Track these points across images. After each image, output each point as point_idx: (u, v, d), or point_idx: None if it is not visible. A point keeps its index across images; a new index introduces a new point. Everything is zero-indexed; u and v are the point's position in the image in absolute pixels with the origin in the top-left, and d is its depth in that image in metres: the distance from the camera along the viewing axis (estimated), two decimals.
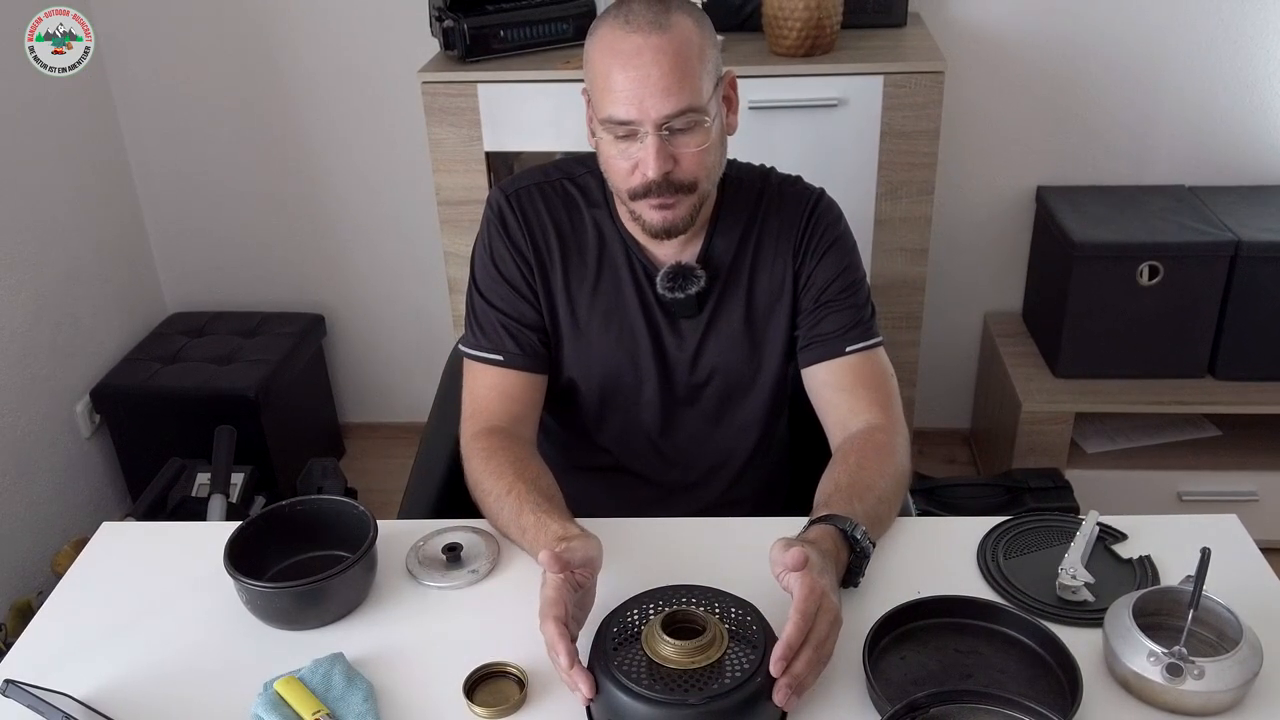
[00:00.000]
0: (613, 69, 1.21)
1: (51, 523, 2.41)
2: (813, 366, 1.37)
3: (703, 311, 1.39)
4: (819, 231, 1.37)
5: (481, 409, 1.38)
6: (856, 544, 1.14)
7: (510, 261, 1.38)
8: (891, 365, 1.40)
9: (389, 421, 2.99)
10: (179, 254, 2.83)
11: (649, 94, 1.19)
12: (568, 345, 1.41)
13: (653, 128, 1.21)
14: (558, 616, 1.02)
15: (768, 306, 1.39)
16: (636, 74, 1.19)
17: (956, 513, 2.20)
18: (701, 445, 1.47)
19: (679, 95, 1.20)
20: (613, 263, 1.38)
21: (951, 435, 2.87)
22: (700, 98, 1.22)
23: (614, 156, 1.26)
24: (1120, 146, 2.50)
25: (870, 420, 1.32)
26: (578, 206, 1.39)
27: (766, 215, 1.38)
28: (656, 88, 1.19)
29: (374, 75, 2.56)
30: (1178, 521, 1.28)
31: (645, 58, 1.19)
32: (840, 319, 1.36)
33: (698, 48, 1.22)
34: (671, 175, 1.24)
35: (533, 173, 1.43)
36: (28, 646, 1.16)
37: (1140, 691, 1.02)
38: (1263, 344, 2.31)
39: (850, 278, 1.38)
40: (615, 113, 1.22)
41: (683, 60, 1.20)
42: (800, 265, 1.38)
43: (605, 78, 1.22)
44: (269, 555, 1.22)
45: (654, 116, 1.20)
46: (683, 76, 1.20)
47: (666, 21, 1.20)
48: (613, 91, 1.21)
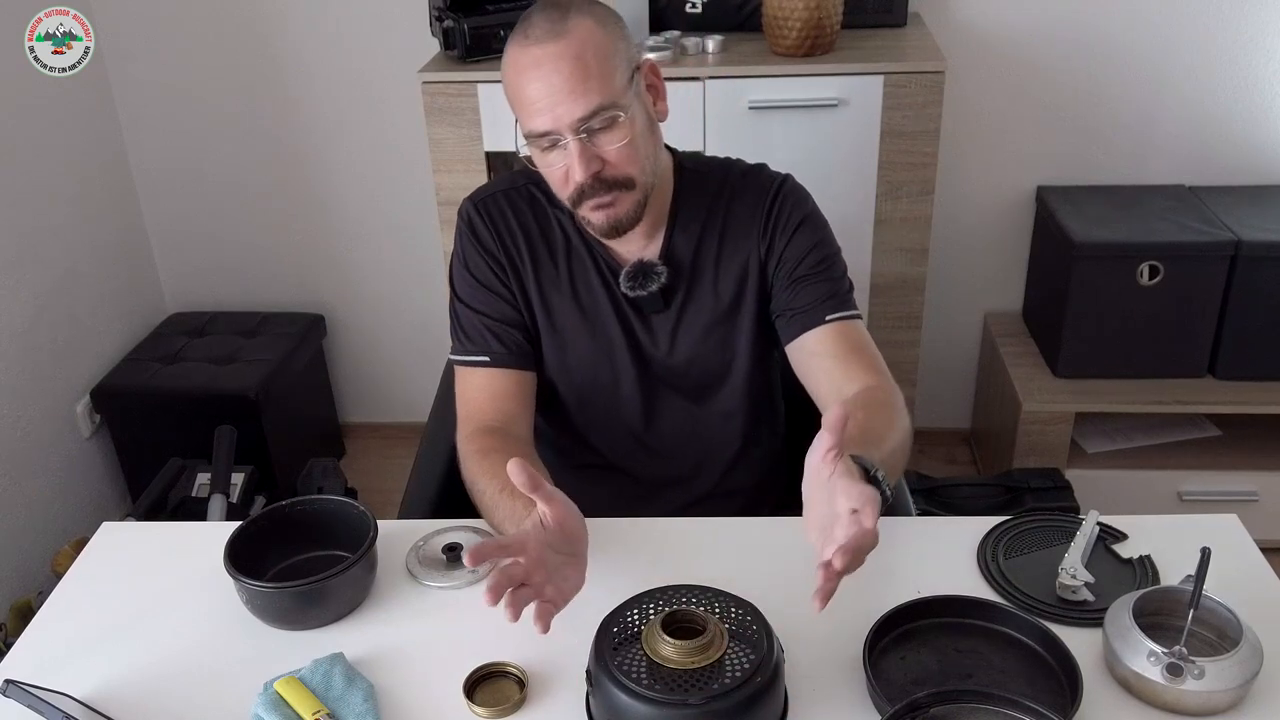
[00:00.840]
0: (521, 83, 1.24)
1: (51, 523, 2.41)
2: (797, 340, 1.36)
3: (670, 306, 1.40)
4: (785, 211, 1.37)
5: (474, 411, 1.39)
6: (879, 484, 1.06)
7: (485, 267, 1.40)
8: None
9: (389, 421, 2.99)
10: (179, 254, 2.83)
11: (558, 101, 1.21)
12: (547, 345, 1.42)
13: (570, 133, 1.23)
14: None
15: (736, 294, 1.40)
16: (542, 84, 1.22)
17: (956, 513, 2.20)
18: (685, 437, 1.48)
19: (586, 97, 1.21)
20: (581, 264, 1.40)
21: (951, 435, 2.87)
22: (612, 94, 1.23)
23: (548, 169, 1.29)
24: (1120, 146, 2.51)
25: (867, 382, 1.29)
26: (544, 210, 1.41)
27: (730, 205, 1.39)
28: (563, 93, 1.21)
29: (374, 75, 2.56)
30: (1178, 521, 1.28)
31: (547, 67, 1.21)
32: (817, 290, 1.35)
33: (600, 45, 1.23)
34: (602, 175, 1.26)
35: (500, 180, 1.46)
36: (28, 646, 1.16)
37: (1140, 691, 1.02)
38: (1263, 344, 2.31)
39: (824, 251, 1.37)
40: (533, 126, 1.24)
41: (584, 62, 1.21)
42: (769, 247, 1.38)
43: (518, 93, 1.25)
44: (269, 555, 1.22)
45: (567, 121, 1.22)
46: (586, 77, 1.21)
47: (563, 28, 1.22)
48: (526, 106, 1.24)
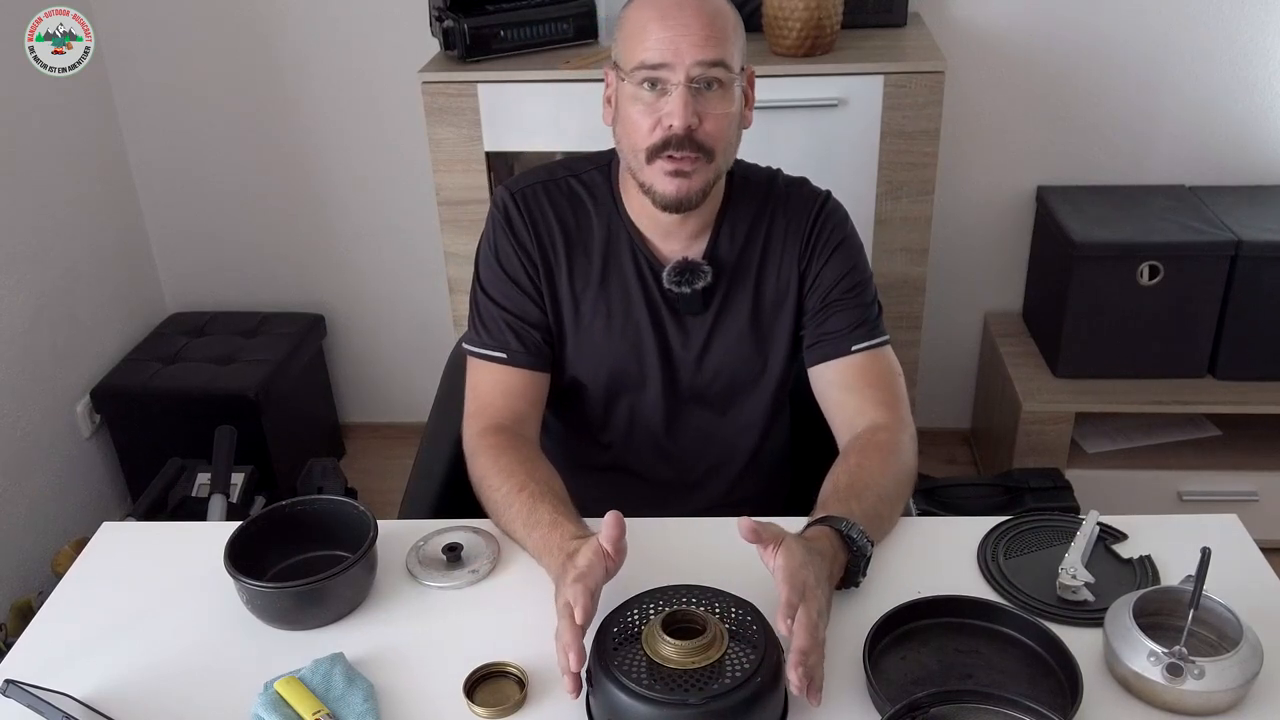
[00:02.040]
0: (650, 21, 1.24)
1: (51, 523, 2.41)
2: (819, 366, 1.37)
3: (708, 309, 1.39)
4: (826, 232, 1.38)
5: (485, 406, 1.38)
6: (853, 543, 1.14)
7: (515, 260, 1.38)
8: (899, 363, 1.40)
9: (389, 421, 2.99)
10: (179, 254, 2.83)
11: (685, 42, 1.22)
12: (573, 343, 1.41)
13: (684, 77, 1.23)
14: (590, 586, 1.03)
15: (773, 306, 1.39)
16: (676, 23, 1.23)
17: (956, 513, 2.20)
18: (704, 444, 1.47)
19: (715, 47, 1.23)
20: (618, 259, 1.38)
21: (951, 435, 2.87)
22: (733, 60, 1.25)
23: (637, 115, 1.26)
24: (1120, 146, 2.51)
25: (875, 419, 1.32)
26: (583, 204, 1.39)
27: (774, 215, 1.39)
28: (695, 36, 1.22)
29: (374, 75, 2.56)
30: (1178, 521, 1.28)
31: (687, 13, 1.23)
32: (846, 317, 1.36)
33: (734, 20, 1.27)
34: (695, 134, 1.25)
35: (538, 171, 1.43)
36: (28, 646, 1.16)
37: (1140, 691, 1.02)
38: (1263, 344, 2.31)
39: (857, 278, 1.38)
40: (648, 57, 1.23)
41: (720, 23, 1.24)
42: (807, 266, 1.38)
43: (641, 29, 1.25)
44: (269, 555, 1.21)
45: (688, 61, 1.22)
46: (719, 34, 1.23)
47: None
48: (648, 39, 1.24)
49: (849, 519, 1.15)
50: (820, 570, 1.07)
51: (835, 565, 1.12)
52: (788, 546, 1.05)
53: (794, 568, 1.02)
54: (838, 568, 1.13)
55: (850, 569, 1.15)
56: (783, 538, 1.06)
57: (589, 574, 1.05)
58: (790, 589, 1.00)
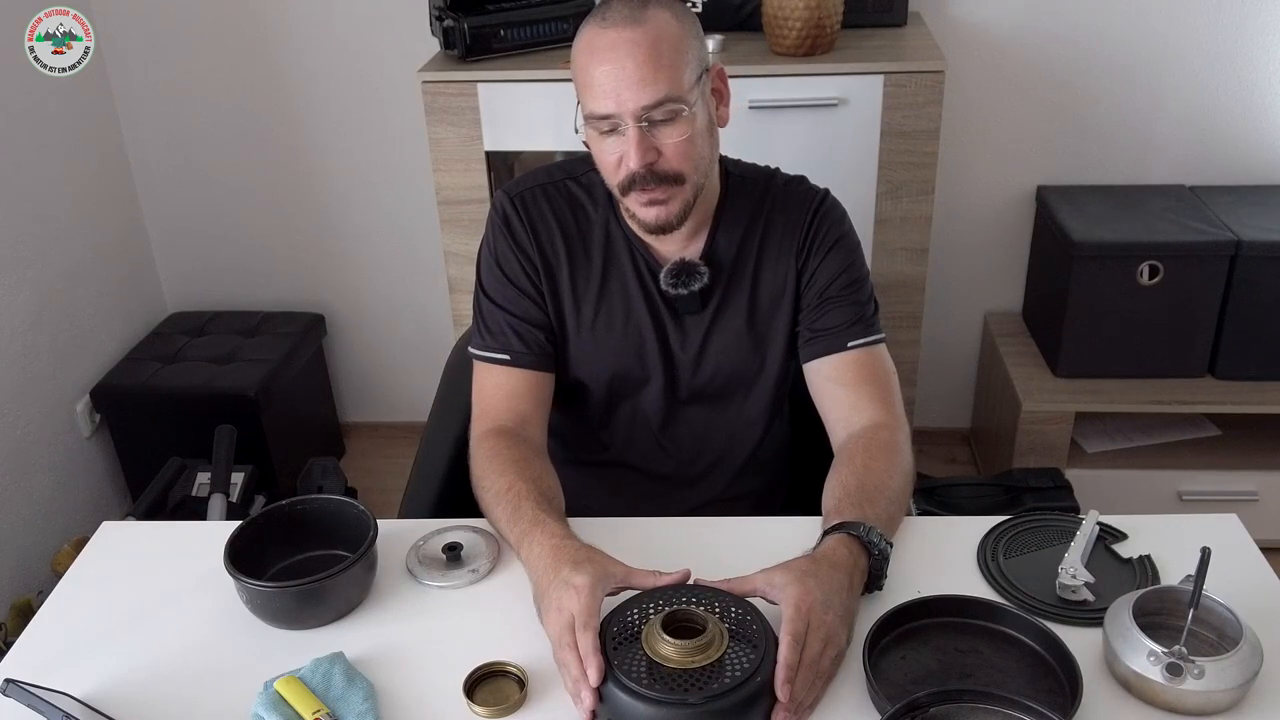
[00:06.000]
0: (590, 65, 1.23)
1: (51, 523, 2.41)
2: (815, 361, 1.38)
3: (706, 308, 1.39)
4: (823, 230, 1.38)
5: (489, 409, 1.38)
6: (874, 547, 1.14)
7: (515, 263, 1.39)
8: (893, 363, 1.40)
9: (389, 421, 2.99)
10: (179, 254, 2.83)
11: (625, 86, 1.21)
12: (574, 343, 1.41)
13: (631, 119, 1.22)
14: (597, 629, 1.03)
15: (771, 304, 1.40)
16: (612, 68, 1.21)
17: (956, 513, 2.19)
18: (703, 440, 1.47)
19: (654, 86, 1.21)
20: (618, 261, 1.39)
21: (951, 435, 2.87)
22: (679, 88, 1.22)
23: (602, 153, 1.28)
24: (1120, 146, 2.50)
25: (873, 417, 1.32)
26: (582, 206, 1.40)
27: (771, 214, 1.39)
28: (632, 79, 1.21)
29: (374, 75, 2.56)
30: (1178, 521, 1.28)
31: (621, 51, 1.21)
32: (842, 314, 1.36)
33: (675, 39, 1.23)
34: (655, 166, 1.25)
35: (536, 174, 1.43)
36: (28, 646, 1.16)
37: (1140, 691, 1.02)
38: (1263, 344, 2.31)
39: (853, 275, 1.38)
40: (595, 108, 1.24)
41: (657, 52, 1.21)
42: (804, 264, 1.38)
43: (585, 74, 1.24)
44: (269, 555, 1.22)
45: (631, 108, 1.22)
46: (658, 68, 1.21)
47: (642, 16, 1.22)
48: (592, 87, 1.23)
49: (865, 523, 1.15)
50: (837, 582, 1.08)
51: (856, 573, 1.12)
52: (795, 585, 1.06)
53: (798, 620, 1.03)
54: (859, 575, 1.12)
55: (874, 573, 1.14)
56: (762, 581, 1.08)
57: (594, 614, 1.04)
58: (791, 645, 1.00)
